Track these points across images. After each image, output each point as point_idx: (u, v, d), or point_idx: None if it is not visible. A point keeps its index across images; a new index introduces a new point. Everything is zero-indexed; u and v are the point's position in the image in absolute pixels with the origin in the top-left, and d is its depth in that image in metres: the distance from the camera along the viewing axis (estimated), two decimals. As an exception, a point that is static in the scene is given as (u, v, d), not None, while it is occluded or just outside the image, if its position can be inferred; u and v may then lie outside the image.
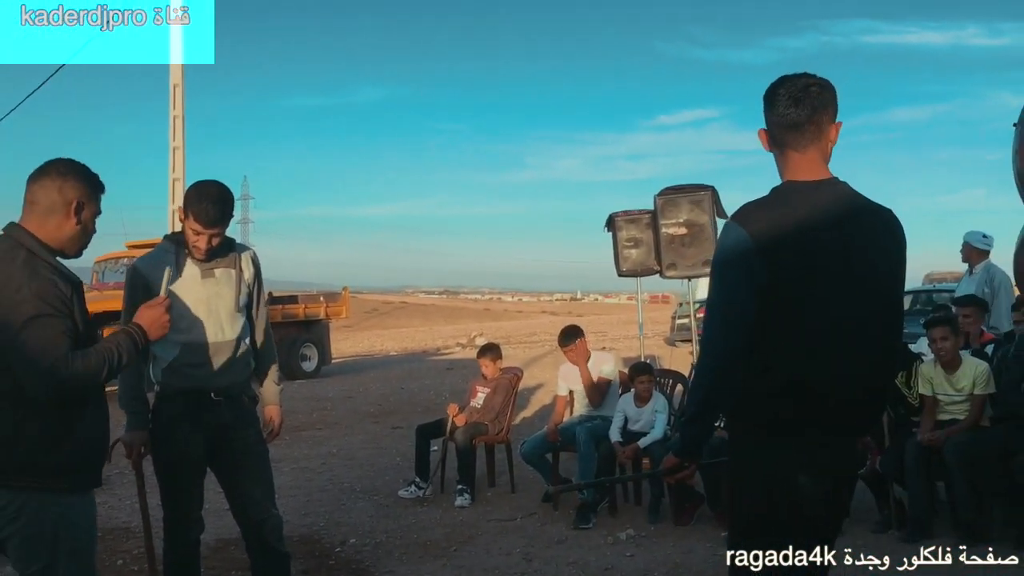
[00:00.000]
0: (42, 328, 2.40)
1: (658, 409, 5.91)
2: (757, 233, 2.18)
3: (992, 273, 6.59)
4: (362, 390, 14.30)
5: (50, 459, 2.50)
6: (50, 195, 2.57)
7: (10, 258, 2.49)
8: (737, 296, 2.20)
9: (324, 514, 6.01)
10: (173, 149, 13.27)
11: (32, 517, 2.50)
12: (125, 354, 2.58)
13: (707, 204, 7.71)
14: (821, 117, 2.29)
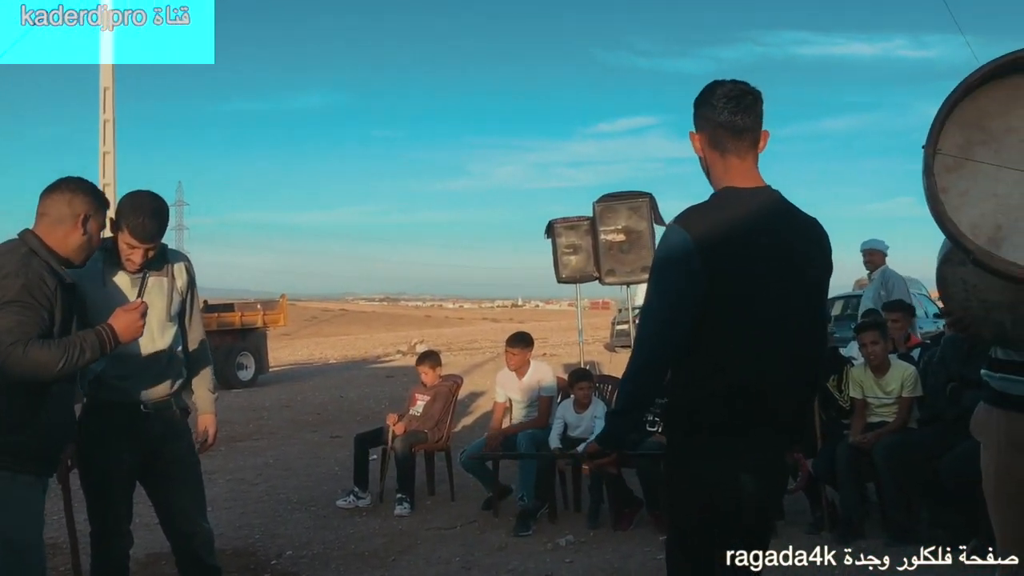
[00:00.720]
0: (11, 313, 2.60)
1: (597, 415, 5.93)
2: (699, 236, 2.20)
3: (887, 276, 6.81)
4: (300, 399, 14.12)
5: (12, 439, 2.68)
6: (60, 208, 2.86)
7: (12, 252, 2.76)
8: (675, 297, 2.22)
9: (260, 526, 5.91)
10: (103, 154, 12.93)
11: None
12: (88, 351, 2.69)
13: (645, 211, 7.79)
14: (758, 124, 2.34)
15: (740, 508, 2.27)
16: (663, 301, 2.26)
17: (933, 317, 13.61)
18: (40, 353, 2.59)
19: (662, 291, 2.27)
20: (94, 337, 2.72)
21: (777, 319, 2.26)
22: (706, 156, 2.39)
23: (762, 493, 2.29)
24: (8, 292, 2.63)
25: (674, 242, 2.24)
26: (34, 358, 2.58)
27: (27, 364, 2.58)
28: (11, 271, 2.68)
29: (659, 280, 2.28)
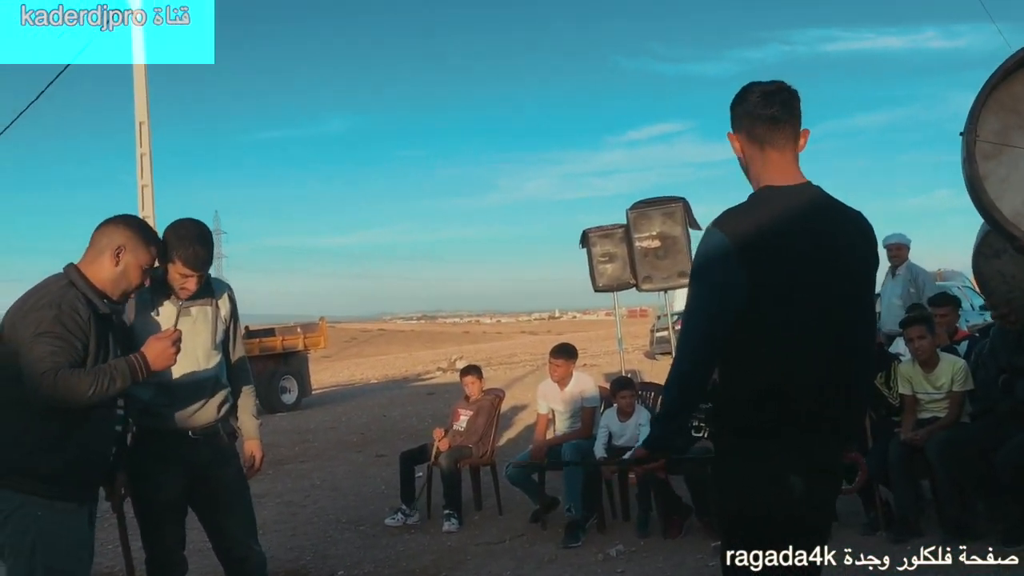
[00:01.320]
0: (43, 344, 2.68)
1: (642, 423, 5.89)
2: (737, 238, 2.18)
3: (915, 272, 6.67)
4: (344, 420, 14.18)
5: (45, 464, 2.74)
6: (100, 240, 2.94)
7: (52, 284, 2.86)
8: (716, 300, 2.20)
9: (310, 547, 5.94)
10: (142, 187, 13.08)
11: (17, 524, 2.72)
12: (119, 379, 2.73)
13: (679, 216, 7.74)
14: (795, 119, 2.33)
15: (791, 511, 2.22)
16: (703, 304, 2.25)
17: (979, 309, 13.35)
18: (70, 381, 2.65)
19: (702, 294, 2.26)
20: (125, 365, 2.77)
21: (818, 317, 2.22)
22: (745, 153, 2.37)
23: (813, 495, 2.24)
24: (42, 323, 2.71)
25: (712, 244, 2.23)
26: (64, 386, 2.64)
27: (58, 392, 2.64)
28: (46, 303, 2.76)
29: (698, 283, 2.27)
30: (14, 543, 2.74)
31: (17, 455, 2.74)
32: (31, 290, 2.88)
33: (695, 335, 2.26)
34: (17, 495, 2.73)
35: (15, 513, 2.73)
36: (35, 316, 2.73)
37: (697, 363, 2.26)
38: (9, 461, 2.74)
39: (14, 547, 2.74)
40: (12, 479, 2.73)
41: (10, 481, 2.73)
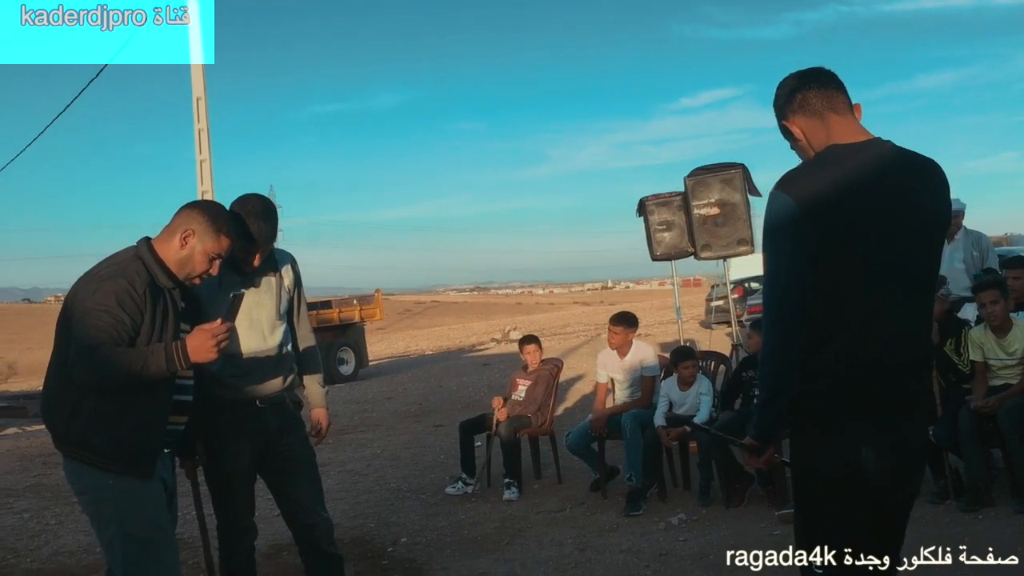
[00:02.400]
0: (92, 317, 2.67)
1: (703, 392, 5.85)
2: (801, 199, 2.11)
3: (976, 236, 6.44)
4: (401, 390, 14.34)
5: (100, 440, 2.75)
6: (176, 220, 2.94)
7: (120, 256, 2.87)
8: (792, 265, 2.13)
9: (373, 515, 6.02)
10: (200, 162, 13.30)
11: (93, 495, 2.82)
12: (153, 366, 2.68)
13: (738, 182, 7.60)
14: (843, 89, 2.29)
15: (861, 484, 2.16)
16: (782, 271, 2.16)
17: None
18: (107, 361, 2.65)
19: (778, 261, 2.17)
20: (162, 353, 2.69)
21: (893, 275, 2.16)
22: (807, 132, 2.29)
23: (886, 468, 2.17)
24: (96, 295, 2.71)
25: (777, 208, 2.15)
26: (100, 363, 2.65)
27: (93, 368, 2.66)
28: (106, 274, 2.77)
29: (772, 251, 2.19)
30: (93, 513, 2.85)
31: (76, 430, 2.77)
32: (103, 260, 2.90)
33: (782, 305, 2.17)
34: (87, 467, 2.78)
35: (89, 486, 2.81)
36: (91, 287, 2.74)
37: (790, 335, 2.15)
38: (71, 435, 2.78)
39: (94, 517, 2.85)
40: (80, 453, 2.78)
41: (80, 454, 2.78)
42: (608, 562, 4.61)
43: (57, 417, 2.82)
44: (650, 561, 4.55)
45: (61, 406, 2.80)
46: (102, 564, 5.16)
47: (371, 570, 4.79)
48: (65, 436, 2.81)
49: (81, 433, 2.76)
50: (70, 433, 2.78)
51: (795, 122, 2.30)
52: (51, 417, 2.86)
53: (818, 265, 2.11)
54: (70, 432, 2.78)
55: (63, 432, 2.81)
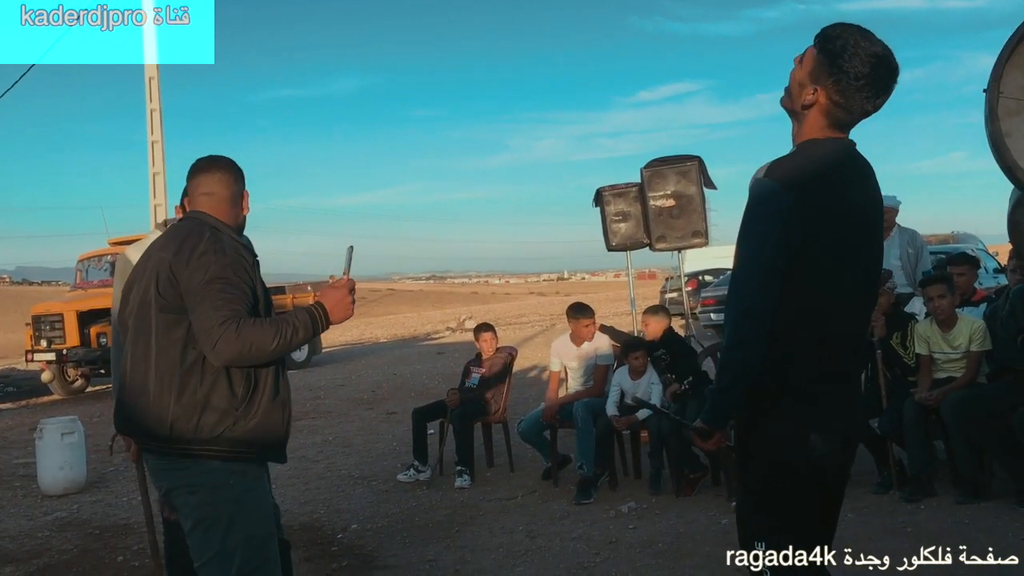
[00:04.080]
0: (219, 291, 2.45)
1: (653, 381, 5.89)
2: (787, 182, 2.10)
3: (910, 234, 6.57)
4: (354, 378, 14.25)
5: (232, 431, 2.52)
6: (229, 186, 2.76)
7: (195, 231, 2.60)
8: (773, 255, 2.10)
9: (324, 502, 5.98)
10: (152, 143, 13.08)
11: (209, 495, 2.53)
12: (302, 330, 2.53)
13: (694, 175, 7.65)
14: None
15: (812, 469, 2.19)
16: (759, 259, 2.12)
17: (993, 272, 13.28)
18: (253, 332, 2.41)
19: (758, 248, 2.13)
20: (307, 316, 2.56)
21: (856, 274, 2.20)
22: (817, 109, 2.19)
23: (834, 453, 2.21)
24: (209, 270, 2.48)
25: (764, 196, 2.12)
26: (247, 337, 2.40)
27: (241, 344, 2.40)
28: (207, 249, 2.52)
29: (753, 236, 2.15)
30: (208, 514, 2.54)
31: (204, 422, 2.49)
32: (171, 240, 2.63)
33: (756, 295, 2.13)
34: (207, 464, 2.52)
35: (206, 483, 2.53)
36: (201, 262, 2.49)
37: (760, 325, 2.12)
38: (201, 431, 2.50)
39: (208, 518, 2.54)
40: (201, 448, 2.51)
41: (199, 450, 2.51)
42: (558, 549, 4.63)
43: (179, 417, 2.49)
44: (600, 549, 4.58)
45: (184, 403, 2.49)
46: (44, 549, 5.13)
47: (320, 556, 4.75)
48: (193, 434, 2.50)
49: (212, 426, 2.50)
50: (200, 429, 2.50)
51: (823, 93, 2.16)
52: (165, 420, 2.51)
53: (798, 256, 2.09)
54: (200, 428, 2.49)
55: (189, 432, 2.50)
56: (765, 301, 2.12)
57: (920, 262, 6.43)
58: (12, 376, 16.88)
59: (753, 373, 2.17)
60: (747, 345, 2.15)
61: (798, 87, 2.21)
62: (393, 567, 4.53)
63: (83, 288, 14.68)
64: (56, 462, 6.59)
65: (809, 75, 2.18)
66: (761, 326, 2.12)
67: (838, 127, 2.20)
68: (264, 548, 2.63)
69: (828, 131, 2.21)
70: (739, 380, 2.19)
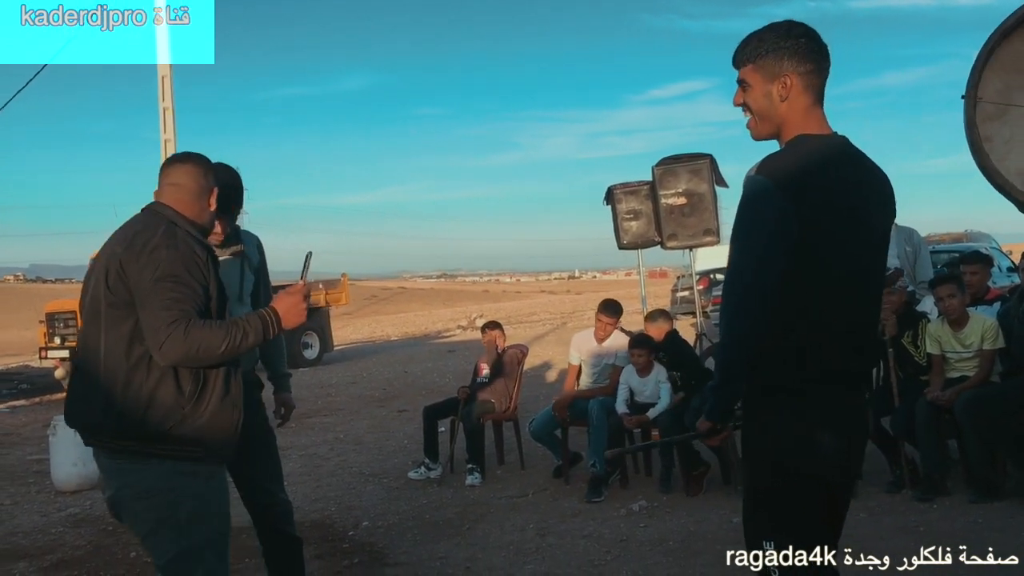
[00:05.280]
0: (169, 289, 2.41)
1: (661, 380, 5.89)
2: (781, 179, 2.09)
3: (908, 232, 6.54)
4: (365, 375, 14.29)
5: (184, 429, 2.47)
6: (197, 179, 2.70)
7: (151, 225, 2.55)
8: (767, 250, 2.10)
9: (335, 499, 6.00)
10: (164, 141, 13.08)
11: (167, 495, 2.49)
12: (252, 334, 2.51)
13: (706, 173, 7.64)
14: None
15: (819, 468, 2.17)
16: (752, 254, 2.13)
17: (1007, 271, 13.21)
18: (201, 334, 2.39)
19: (750, 243, 2.14)
20: (258, 320, 2.54)
21: (853, 267, 2.17)
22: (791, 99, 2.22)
23: (841, 452, 2.18)
24: (160, 267, 2.43)
25: (754, 189, 2.12)
26: (195, 339, 2.37)
27: (188, 346, 2.37)
28: (159, 243, 2.47)
29: (745, 232, 2.15)
30: (162, 517, 2.49)
31: (154, 420, 2.44)
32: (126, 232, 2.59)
33: (750, 292, 2.13)
34: (163, 463, 2.47)
35: (158, 487, 2.49)
36: (152, 258, 2.44)
37: (755, 321, 2.12)
38: (148, 427, 2.44)
39: (166, 519, 2.49)
40: (155, 447, 2.46)
41: (153, 449, 2.46)
42: (569, 547, 4.63)
43: (124, 412, 2.45)
44: (610, 547, 4.58)
45: (130, 398, 2.44)
46: (57, 545, 5.16)
47: (332, 553, 4.76)
48: (138, 431, 2.45)
49: (160, 423, 2.44)
50: (146, 427, 2.44)
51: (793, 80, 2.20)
52: (111, 414, 2.47)
53: (795, 252, 2.09)
54: (146, 425, 2.44)
55: (135, 427, 2.45)
56: (757, 300, 2.12)
57: (919, 260, 6.41)
58: (26, 373, 16.98)
59: (747, 370, 2.18)
60: (741, 343, 2.16)
61: (764, 98, 2.23)
62: (404, 564, 4.54)
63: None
64: (70, 458, 6.63)
65: (766, 78, 2.22)
66: (755, 323, 2.13)
67: (819, 95, 2.22)
68: (221, 548, 2.62)
69: (813, 110, 2.22)
70: (733, 377, 2.20)
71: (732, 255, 2.18)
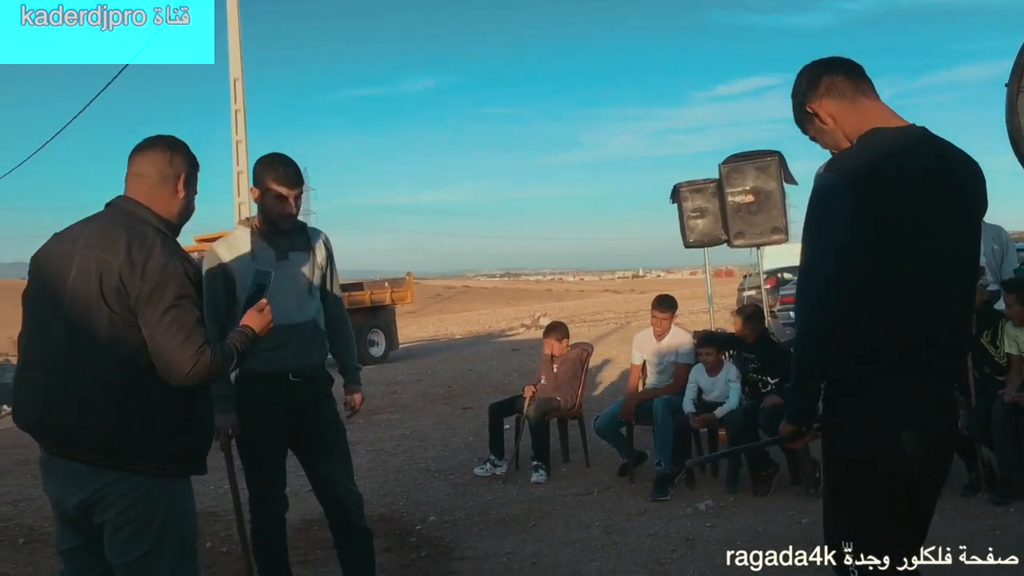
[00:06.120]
0: (185, 315, 2.37)
1: (731, 379, 5.84)
2: (854, 177, 2.08)
3: (996, 230, 6.34)
4: (431, 373, 14.42)
5: (176, 444, 2.46)
6: (161, 167, 2.54)
7: (141, 234, 2.43)
8: (840, 247, 2.08)
9: (402, 493, 6.08)
10: (236, 142, 13.47)
11: (143, 507, 2.43)
12: (245, 352, 2.58)
13: (774, 170, 7.54)
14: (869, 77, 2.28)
15: (897, 466, 2.13)
16: (826, 253, 2.11)
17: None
18: (223, 359, 2.44)
19: (821, 240, 2.13)
20: (247, 339, 2.59)
21: (936, 261, 2.13)
22: (837, 116, 2.26)
23: (921, 449, 2.14)
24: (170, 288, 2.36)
25: (824, 186, 2.12)
26: (219, 364, 2.41)
27: (211, 370, 2.40)
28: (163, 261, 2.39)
29: (816, 228, 2.15)
30: (140, 523, 2.43)
31: (150, 439, 2.41)
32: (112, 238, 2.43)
33: (824, 288, 2.12)
34: (143, 479, 2.42)
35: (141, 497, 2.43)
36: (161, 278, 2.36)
37: (830, 318, 2.11)
38: (141, 447, 2.40)
39: (140, 526, 2.43)
40: (139, 464, 2.41)
41: (137, 466, 2.41)
42: (635, 545, 4.62)
43: (120, 431, 2.39)
44: (677, 545, 4.56)
45: (128, 417, 2.39)
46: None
47: (400, 546, 4.83)
48: (131, 449, 2.40)
49: (155, 441, 2.42)
50: (140, 445, 2.40)
51: (823, 106, 2.27)
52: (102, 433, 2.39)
53: (867, 247, 2.07)
54: (141, 443, 2.40)
55: (128, 445, 2.40)
56: (833, 297, 2.10)
57: (1006, 258, 6.24)
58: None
59: (824, 367, 2.16)
60: (816, 340, 2.14)
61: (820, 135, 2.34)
62: (471, 559, 4.59)
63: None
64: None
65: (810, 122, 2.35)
66: (829, 321, 2.11)
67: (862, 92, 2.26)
68: (195, 554, 2.62)
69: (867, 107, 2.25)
70: (811, 376, 2.19)
71: (805, 251, 2.17)
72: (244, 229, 3.55)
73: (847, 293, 2.09)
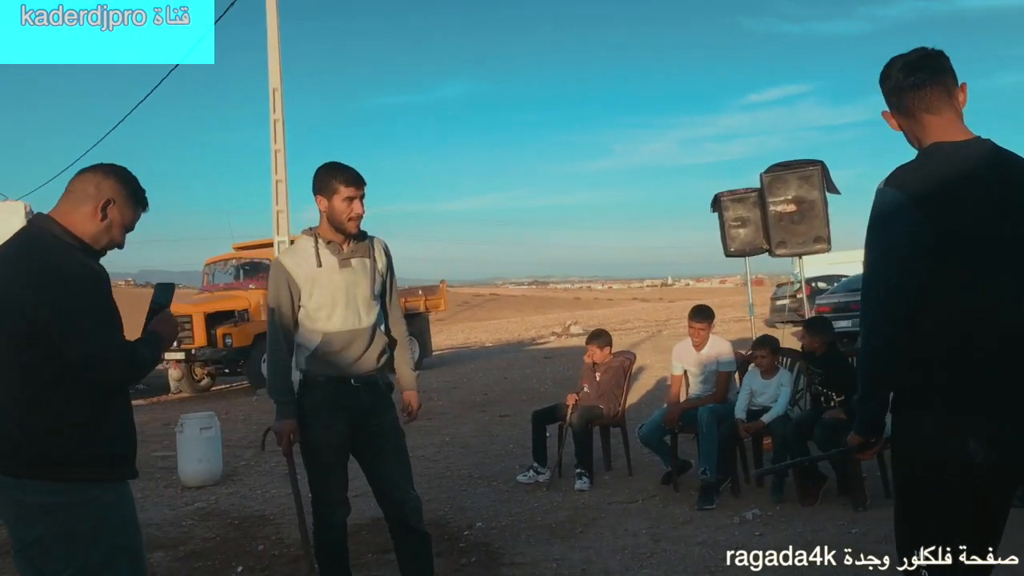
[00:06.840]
0: (104, 323, 2.40)
1: (783, 383, 5.84)
2: (914, 191, 2.12)
3: None
4: (465, 381, 14.48)
5: (92, 448, 2.42)
6: (87, 188, 2.55)
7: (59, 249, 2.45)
8: (902, 260, 2.12)
9: (447, 500, 6.13)
10: (275, 152, 13.62)
11: (70, 513, 2.38)
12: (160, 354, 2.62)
13: (817, 179, 7.55)
14: (944, 79, 2.26)
15: (964, 473, 2.15)
16: (887, 266, 2.15)
17: None
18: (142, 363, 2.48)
19: (885, 253, 2.16)
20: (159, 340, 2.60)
21: (1005, 271, 2.15)
22: (903, 127, 2.33)
23: (992, 462, 2.13)
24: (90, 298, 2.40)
25: (886, 201, 2.15)
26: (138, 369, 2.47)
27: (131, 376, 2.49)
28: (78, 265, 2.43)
29: (878, 242, 2.18)
30: (68, 531, 2.38)
31: (59, 444, 2.38)
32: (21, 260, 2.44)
33: (889, 301, 2.15)
34: (68, 485, 2.38)
35: (66, 504, 2.38)
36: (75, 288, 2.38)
37: (895, 331, 2.15)
38: (52, 453, 2.37)
39: (70, 535, 2.38)
40: (63, 470, 2.38)
41: (59, 472, 2.37)
42: (684, 554, 4.63)
43: (25, 437, 2.38)
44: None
45: (33, 422, 2.37)
46: (188, 537, 5.43)
47: (450, 552, 4.88)
48: (41, 455, 2.37)
49: (66, 446, 2.38)
50: (51, 451, 2.37)
51: (893, 116, 2.34)
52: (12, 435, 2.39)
53: (931, 259, 2.10)
54: (51, 449, 2.37)
55: (39, 452, 2.37)
56: (897, 309, 2.14)
57: None
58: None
59: (891, 380, 2.20)
60: (881, 353, 2.18)
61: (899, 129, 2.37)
62: (521, 564, 4.62)
63: (210, 291, 15.37)
64: (195, 455, 6.95)
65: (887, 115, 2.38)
66: (893, 334, 2.15)
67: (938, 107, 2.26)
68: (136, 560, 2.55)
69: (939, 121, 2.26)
70: (877, 388, 2.23)
71: (867, 264, 2.22)
72: (307, 239, 3.63)
73: (910, 305, 2.12)
